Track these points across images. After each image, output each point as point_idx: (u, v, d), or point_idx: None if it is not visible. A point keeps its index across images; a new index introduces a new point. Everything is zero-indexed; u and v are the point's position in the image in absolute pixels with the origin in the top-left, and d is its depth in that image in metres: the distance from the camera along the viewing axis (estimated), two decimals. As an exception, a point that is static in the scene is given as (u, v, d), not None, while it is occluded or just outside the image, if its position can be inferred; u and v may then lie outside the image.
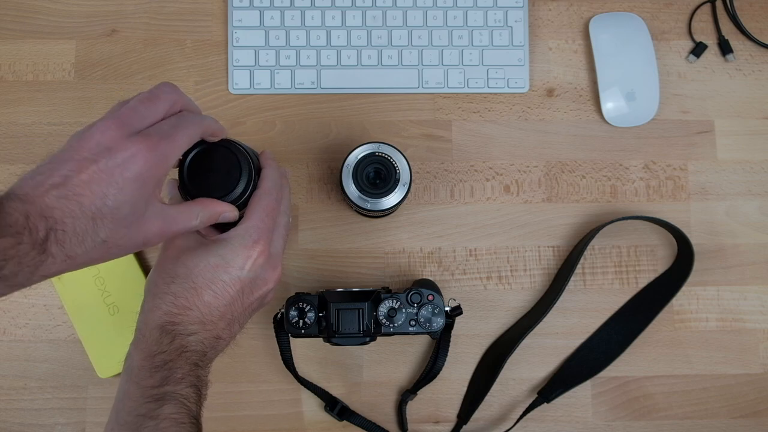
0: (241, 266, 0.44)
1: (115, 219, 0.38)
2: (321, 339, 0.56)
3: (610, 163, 0.66)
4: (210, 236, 0.47)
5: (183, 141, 0.41)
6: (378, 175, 0.57)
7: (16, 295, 0.62)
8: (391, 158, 0.56)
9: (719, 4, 0.68)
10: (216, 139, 0.46)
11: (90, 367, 0.61)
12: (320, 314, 0.55)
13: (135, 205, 0.39)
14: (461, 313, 0.58)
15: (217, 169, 0.46)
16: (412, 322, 0.56)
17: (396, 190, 0.56)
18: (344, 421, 0.61)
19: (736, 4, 0.68)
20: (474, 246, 0.64)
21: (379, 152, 0.56)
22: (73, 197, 0.37)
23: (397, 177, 0.56)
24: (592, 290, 0.64)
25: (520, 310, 0.64)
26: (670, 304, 0.63)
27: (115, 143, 0.38)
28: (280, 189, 0.48)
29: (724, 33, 0.68)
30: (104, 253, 0.39)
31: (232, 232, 0.45)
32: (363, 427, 0.61)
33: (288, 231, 0.50)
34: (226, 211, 0.46)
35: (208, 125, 0.44)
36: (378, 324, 0.56)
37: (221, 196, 0.46)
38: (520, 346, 0.61)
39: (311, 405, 0.62)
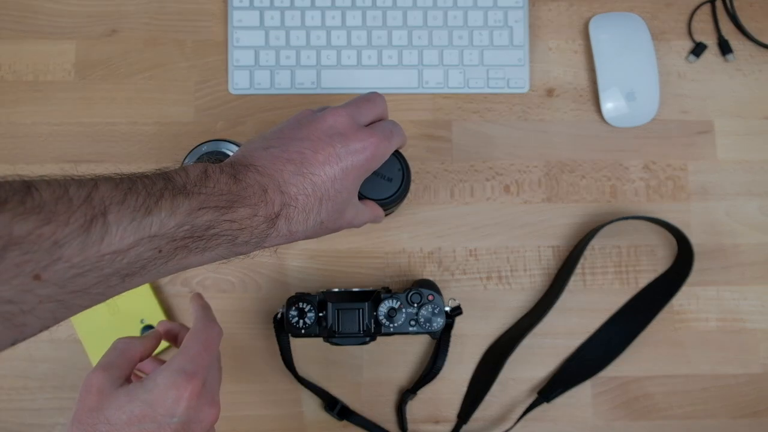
0: (170, 412, 0.37)
1: (336, 202, 0.39)
2: (321, 339, 0.56)
3: (610, 163, 0.66)
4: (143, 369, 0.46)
5: (395, 144, 0.44)
6: None
7: (16, 295, 0.62)
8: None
9: (719, 4, 0.68)
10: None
11: (90, 367, 0.61)
12: (320, 314, 0.55)
13: (350, 192, 0.41)
14: (461, 313, 0.58)
15: (380, 174, 0.49)
16: (412, 322, 0.56)
17: None
18: (344, 421, 0.61)
19: (736, 4, 0.68)
20: (474, 246, 0.64)
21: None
22: (309, 175, 0.38)
23: None
24: (592, 290, 0.64)
25: (520, 310, 0.64)
26: (670, 304, 0.63)
27: (348, 131, 0.40)
28: (215, 323, 0.45)
29: (724, 33, 0.68)
30: (316, 233, 0.40)
31: (161, 369, 0.39)
32: (363, 427, 0.61)
33: (221, 367, 0.46)
34: (382, 216, 0.50)
35: (405, 138, 0.47)
36: (378, 324, 0.56)
37: (379, 199, 0.50)
38: (520, 346, 0.61)
39: (311, 405, 0.62)
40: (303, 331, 0.55)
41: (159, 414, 0.37)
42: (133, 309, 0.61)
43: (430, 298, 0.56)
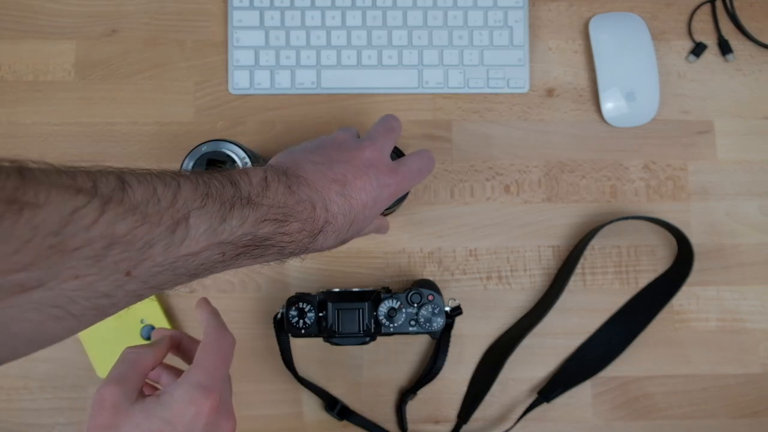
0: (190, 429, 0.37)
1: (361, 226, 0.42)
2: (321, 339, 0.56)
3: (610, 163, 0.66)
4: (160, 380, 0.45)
5: (416, 181, 0.46)
6: None
7: (16, 295, 0.62)
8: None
9: (719, 4, 0.68)
10: None
11: (90, 367, 0.61)
12: (320, 314, 0.55)
13: (373, 218, 0.43)
14: (461, 313, 0.58)
15: None
16: (412, 322, 0.56)
17: None
18: (344, 421, 0.61)
19: (736, 4, 0.68)
20: (474, 246, 0.64)
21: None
22: (349, 198, 0.40)
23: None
24: (592, 290, 0.64)
25: (520, 310, 0.64)
26: (670, 304, 0.63)
27: (381, 165, 0.43)
28: (227, 332, 0.44)
29: (724, 33, 0.68)
30: (337, 244, 0.42)
31: (177, 384, 0.38)
32: (363, 427, 0.61)
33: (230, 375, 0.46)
34: (386, 227, 0.52)
35: (429, 170, 0.48)
36: (378, 324, 0.56)
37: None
38: (520, 346, 0.61)
39: (311, 405, 0.62)
40: (303, 331, 0.55)
41: (178, 431, 0.37)
42: (133, 309, 0.61)
43: (430, 298, 0.56)
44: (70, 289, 0.27)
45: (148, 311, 0.61)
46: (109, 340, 0.60)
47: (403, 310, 0.56)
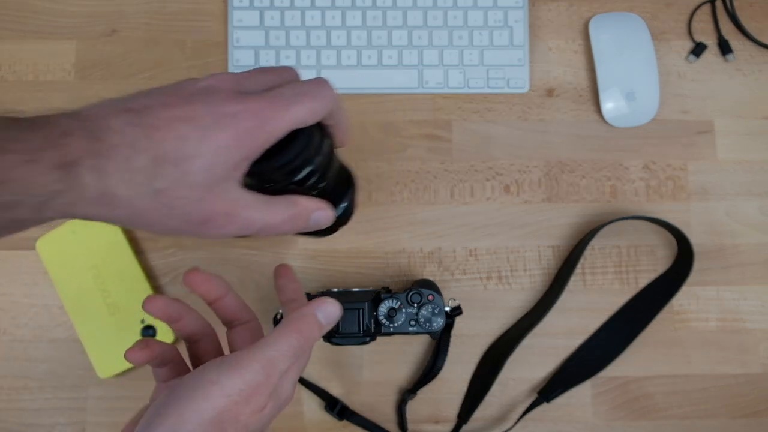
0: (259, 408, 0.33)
1: (182, 171, 0.30)
2: (321, 339, 0.56)
3: (610, 163, 0.66)
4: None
5: (299, 111, 0.33)
6: None
7: (17, 295, 0.62)
8: None
9: (719, 4, 0.68)
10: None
11: (90, 367, 0.61)
12: (320, 314, 0.55)
13: (211, 168, 0.31)
14: (461, 313, 0.58)
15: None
16: (412, 322, 0.56)
17: None
18: (344, 421, 0.61)
19: (736, 4, 0.68)
20: (474, 246, 0.64)
21: None
22: (147, 127, 0.30)
23: None
24: (592, 290, 0.64)
25: (520, 310, 0.64)
26: (670, 304, 0.63)
27: (223, 92, 0.32)
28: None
29: (724, 33, 0.68)
30: (152, 208, 0.31)
31: (258, 346, 0.34)
32: (363, 427, 0.61)
33: None
34: (318, 209, 0.37)
35: (328, 104, 0.35)
36: (378, 324, 0.56)
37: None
38: (520, 346, 0.61)
39: (311, 405, 0.62)
40: (303, 331, 0.55)
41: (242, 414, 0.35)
42: (134, 309, 0.61)
43: (430, 298, 0.56)
44: None
45: (148, 311, 0.61)
46: (109, 340, 0.60)
47: (403, 310, 0.56)
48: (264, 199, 0.35)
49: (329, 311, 0.37)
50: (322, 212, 0.37)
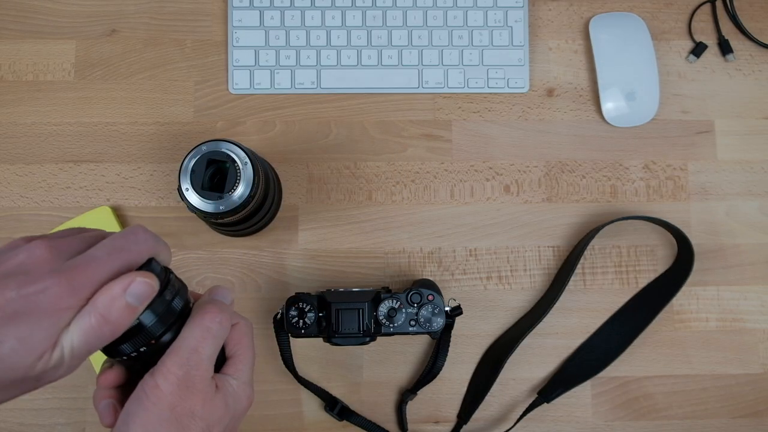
0: (239, 419, 0.40)
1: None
2: (321, 339, 0.56)
3: (610, 163, 0.66)
4: None
5: (101, 275, 0.31)
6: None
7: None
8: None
9: (719, 4, 0.68)
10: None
11: (90, 367, 0.61)
12: (320, 314, 0.55)
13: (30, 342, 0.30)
14: (461, 313, 0.58)
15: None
16: (412, 322, 0.56)
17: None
18: (344, 421, 0.61)
19: (736, 4, 0.68)
20: (474, 246, 0.64)
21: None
22: None
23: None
24: (592, 290, 0.64)
25: (520, 310, 0.64)
26: (670, 304, 0.63)
27: (33, 269, 0.30)
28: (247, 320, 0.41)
29: (724, 33, 0.68)
30: None
31: (235, 377, 0.39)
32: (363, 427, 0.61)
33: None
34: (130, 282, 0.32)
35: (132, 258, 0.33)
36: (378, 324, 0.56)
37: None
38: (520, 346, 0.61)
39: (311, 405, 0.62)
40: (303, 331, 0.55)
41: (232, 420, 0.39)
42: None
43: (430, 298, 0.56)
44: None
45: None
46: (109, 340, 0.60)
47: (403, 310, 0.56)
48: (77, 323, 0.32)
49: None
50: (135, 285, 0.33)
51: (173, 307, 0.35)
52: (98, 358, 0.61)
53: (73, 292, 0.30)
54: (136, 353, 0.35)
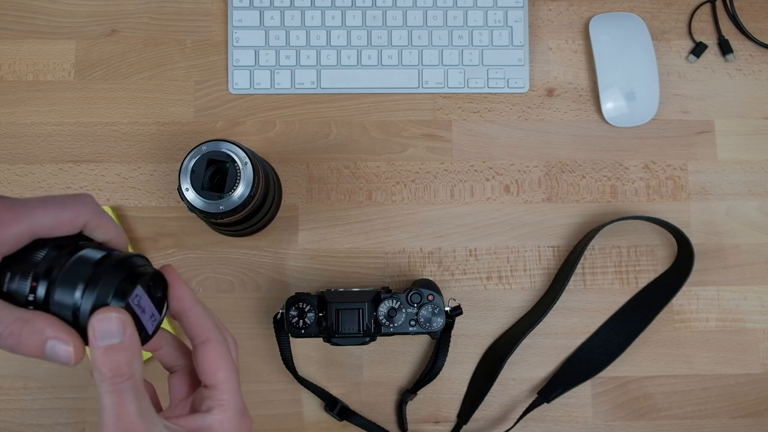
0: None
1: None
2: (321, 339, 0.56)
3: (610, 163, 0.66)
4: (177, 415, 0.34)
5: (41, 219, 0.30)
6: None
7: (16, 295, 0.62)
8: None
9: (719, 4, 0.68)
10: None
11: (90, 367, 0.61)
12: (320, 314, 0.55)
13: None
14: (461, 313, 0.58)
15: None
16: (412, 322, 0.56)
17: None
18: (344, 421, 0.61)
19: (736, 4, 0.68)
20: (474, 246, 0.64)
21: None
22: None
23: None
24: (592, 290, 0.64)
25: (520, 310, 0.64)
26: (670, 304, 0.63)
27: None
28: (228, 333, 0.37)
29: (724, 33, 0.68)
30: None
31: (221, 411, 0.34)
32: (363, 427, 0.61)
33: None
34: (56, 338, 0.29)
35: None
36: (378, 324, 0.56)
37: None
38: (520, 346, 0.61)
39: (311, 405, 0.62)
40: (303, 331, 0.55)
41: None
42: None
43: (430, 298, 0.56)
44: None
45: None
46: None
47: (403, 310, 0.56)
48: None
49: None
50: (60, 344, 0.29)
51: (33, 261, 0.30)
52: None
53: None
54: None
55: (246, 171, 0.51)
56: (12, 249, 0.29)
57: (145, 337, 0.32)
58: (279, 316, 0.57)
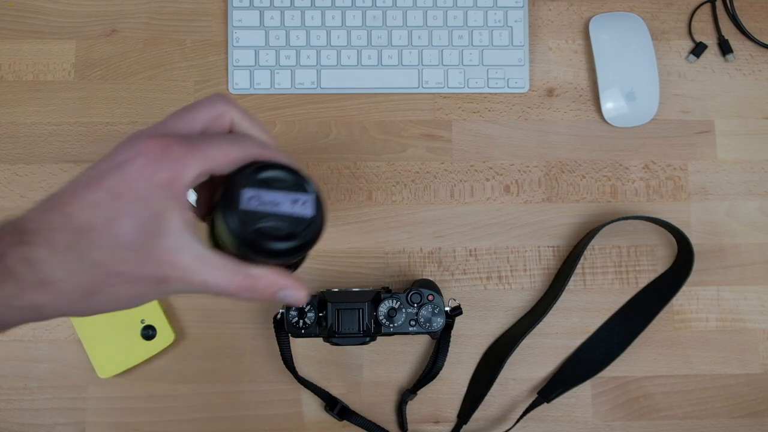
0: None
1: (114, 233, 0.29)
2: (321, 339, 0.56)
3: (610, 163, 0.66)
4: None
5: (217, 152, 0.31)
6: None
7: (16, 295, 0.62)
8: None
9: (719, 4, 0.68)
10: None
11: (90, 367, 0.61)
12: (320, 314, 0.55)
13: (141, 220, 0.29)
14: (461, 313, 0.58)
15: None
16: (412, 322, 0.56)
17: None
18: (344, 421, 0.61)
19: (736, 4, 0.68)
20: (474, 246, 0.64)
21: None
22: (58, 208, 0.29)
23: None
24: (592, 290, 0.64)
25: (520, 310, 0.64)
26: (670, 304, 0.63)
27: (124, 144, 0.31)
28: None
29: (724, 33, 0.68)
30: (102, 282, 0.29)
31: None
32: (363, 427, 0.61)
33: None
34: (288, 288, 0.33)
35: (261, 152, 0.33)
36: (378, 324, 0.56)
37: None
38: (520, 346, 0.61)
39: (311, 405, 0.62)
40: (303, 331, 0.55)
41: None
42: (134, 309, 0.61)
43: (430, 298, 0.56)
44: None
45: (148, 311, 0.61)
46: (108, 341, 0.60)
47: (403, 310, 0.56)
48: (228, 264, 0.31)
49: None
50: (292, 292, 0.34)
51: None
52: (98, 358, 0.61)
53: (177, 160, 0.30)
54: None
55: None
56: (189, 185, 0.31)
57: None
58: (279, 316, 0.57)
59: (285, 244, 0.31)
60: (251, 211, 0.31)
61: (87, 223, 0.29)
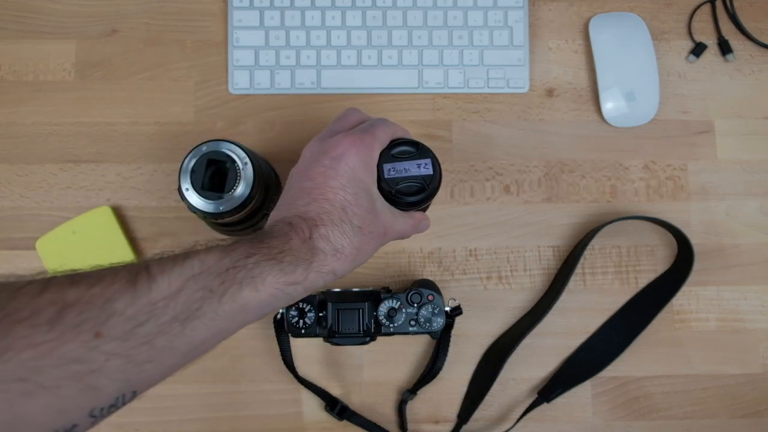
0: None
1: (359, 204, 0.41)
2: (321, 339, 0.56)
3: (610, 163, 0.66)
4: None
5: (381, 135, 0.44)
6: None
7: (16, 295, 0.62)
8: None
9: (719, 4, 0.68)
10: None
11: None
12: (320, 314, 0.55)
13: (367, 191, 0.42)
14: (461, 313, 0.58)
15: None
16: (412, 322, 0.56)
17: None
18: (344, 421, 0.61)
19: (736, 4, 0.68)
20: (474, 246, 0.64)
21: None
22: (319, 198, 0.40)
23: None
24: (592, 290, 0.64)
25: (520, 310, 0.64)
26: (670, 304, 0.63)
27: (323, 147, 0.42)
28: None
29: (724, 33, 0.68)
30: (363, 241, 0.41)
31: None
32: (363, 427, 0.61)
33: None
34: (425, 221, 0.49)
35: (393, 129, 0.46)
36: (378, 324, 0.56)
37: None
38: (520, 346, 0.61)
39: (311, 405, 0.62)
40: (303, 331, 0.55)
41: None
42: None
43: (430, 298, 0.56)
44: (30, 358, 0.27)
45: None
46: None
47: (403, 310, 0.56)
48: (400, 213, 0.45)
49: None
50: (426, 221, 0.49)
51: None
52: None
53: (370, 146, 0.43)
54: None
55: (246, 171, 0.52)
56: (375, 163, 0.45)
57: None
58: (279, 316, 0.57)
59: (417, 196, 0.45)
60: (391, 178, 0.44)
61: (344, 201, 0.40)
